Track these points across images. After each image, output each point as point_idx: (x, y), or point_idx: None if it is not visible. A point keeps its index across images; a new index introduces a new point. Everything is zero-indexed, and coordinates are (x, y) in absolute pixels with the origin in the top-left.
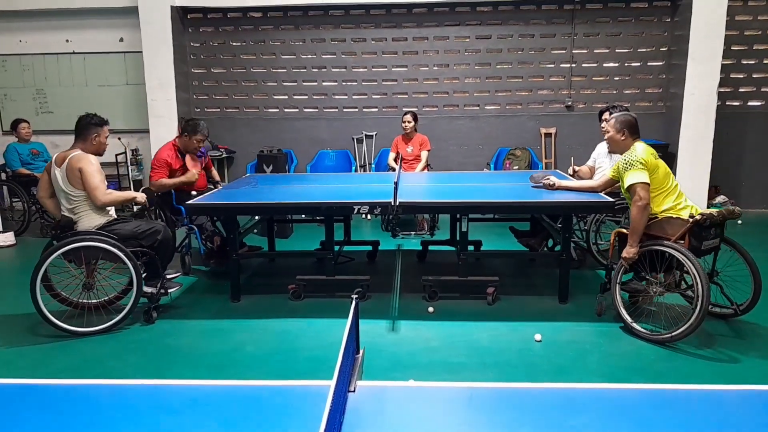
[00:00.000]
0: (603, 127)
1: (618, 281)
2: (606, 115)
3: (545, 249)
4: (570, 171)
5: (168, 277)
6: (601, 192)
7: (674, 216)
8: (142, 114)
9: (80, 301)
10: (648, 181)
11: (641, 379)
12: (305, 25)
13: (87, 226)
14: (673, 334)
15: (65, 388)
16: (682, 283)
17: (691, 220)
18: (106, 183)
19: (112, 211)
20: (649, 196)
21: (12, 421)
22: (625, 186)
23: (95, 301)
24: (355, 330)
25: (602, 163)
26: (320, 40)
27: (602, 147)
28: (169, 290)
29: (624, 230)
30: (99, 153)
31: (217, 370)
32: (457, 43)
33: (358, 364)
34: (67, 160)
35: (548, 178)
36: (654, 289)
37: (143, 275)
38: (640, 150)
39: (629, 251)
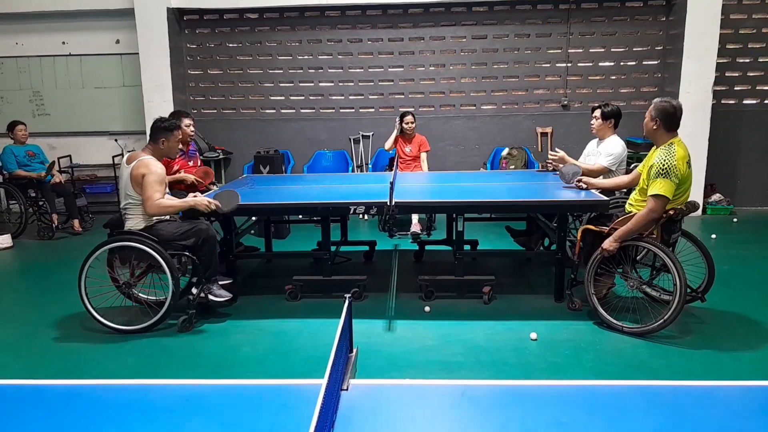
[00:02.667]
0: (591, 123)
1: (590, 277)
2: (596, 113)
3: (541, 248)
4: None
5: (220, 282)
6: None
7: None
8: (138, 116)
9: (140, 295)
10: (671, 196)
11: (636, 377)
12: (301, 26)
13: (132, 226)
14: (656, 324)
15: (61, 388)
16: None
17: (664, 215)
18: (167, 191)
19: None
20: (663, 211)
21: (6, 423)
22: (651, 192)
23: (153, 298)
24: (348, 329)
25: (589, 161)
26: (316, 40)
27: (591, 146)
28: (213, 298)
29: (591, 227)
30: (169, 156)
31: (214, 371)
32: (453, 43)
33: (352, 362)
34: (135, 162)
35: (580, 180)
36: (631, 283)
37: (194, 279)
38: (679, 157)
39: (612, 245)
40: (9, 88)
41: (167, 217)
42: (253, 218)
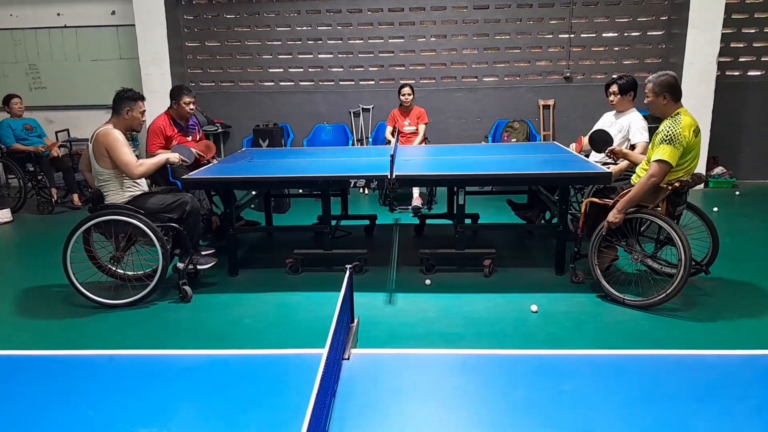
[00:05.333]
0: (611, 100)
1: (595, 249)
2: (613, 88)
3: (542, 221)
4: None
5: (203, 253)
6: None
7: None
8: (136, 89)
9: (118, 271)
10: (674, 163)
11: (637, 347)
12: None
13: (115, 200)
14: (659, 297)
15: (63, 359)
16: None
17: (669, 187)
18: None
19: (143, 185)
20: (665, 177)
21: (7, 392)
22: (654, 158)
23: (132, 273)
24: (349, 299)
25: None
26: (315, 11)
27: (607, 117)
28: (200, 266)
29: (595, 200)
30: (133, 128)
31: (215, 343)
32: (455, 13)
33: (353, 332)
34: (94, 136)
35: (613, 150)
36: (635, 256)
37: (176, 251)
38: (685, 125)
39: (616, 216)
40: (4, 61)
41: (145, 188)
42: (253, 192)
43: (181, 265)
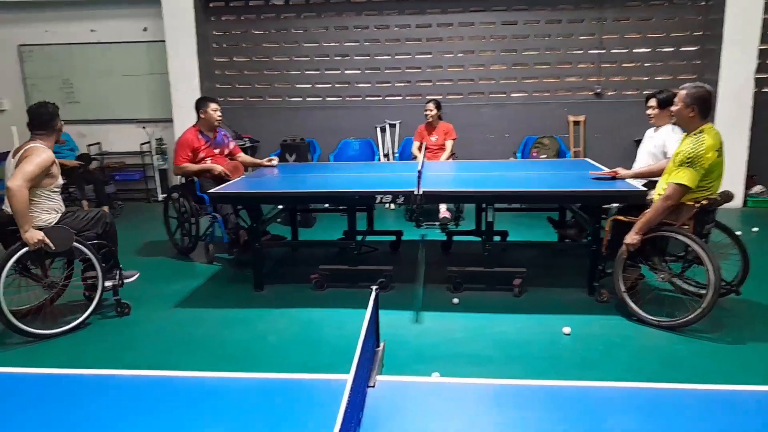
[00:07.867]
0: (649, 113)
1: (619, 269)
2: (652, 102)
3: (586, 239)
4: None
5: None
6: None
7: (683, 202)
8: (165, 103)
9: (33, 304)
10: (694, 186)
11: (677, 376)
12: (328, 13)
13: (38, 224)
14: (687, 318)
15: (76, 377)
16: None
17: (697, 205)
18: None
19: (59, 210)
20: (680, 199)
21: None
22: (672, 180)
23: (45, 298)
24: (374, 322)
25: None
26: (343, 27)
27: (648, 133)
28: (126, 279)
29: (621, 218)
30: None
31: (237, 361)
32: (483, 29)
33: (378, 357)
34: (20, 153)
35: (616, 171)
36: (662, 276)
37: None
38: (708, 147)
39: (633, 238)
40: (39, 76)
41: (51, 210)
42: (279, 207)
43: (109, 283)
